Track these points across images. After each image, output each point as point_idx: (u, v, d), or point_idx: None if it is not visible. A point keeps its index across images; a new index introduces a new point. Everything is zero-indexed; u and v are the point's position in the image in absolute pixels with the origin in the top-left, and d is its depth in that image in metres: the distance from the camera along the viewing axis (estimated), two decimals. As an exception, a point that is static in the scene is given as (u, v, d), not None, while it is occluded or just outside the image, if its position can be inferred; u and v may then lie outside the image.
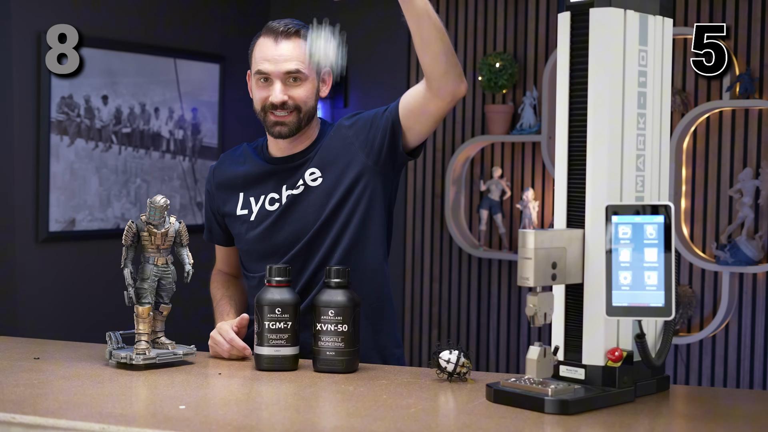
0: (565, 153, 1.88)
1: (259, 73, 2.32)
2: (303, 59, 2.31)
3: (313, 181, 2.35)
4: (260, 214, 2.39)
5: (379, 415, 1.75)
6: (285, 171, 2.38)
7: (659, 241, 1.72)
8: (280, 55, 2.30)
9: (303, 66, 2.31)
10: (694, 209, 4.22)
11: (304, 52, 2.30)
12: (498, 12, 4.63)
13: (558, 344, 1.88)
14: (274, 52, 2.31)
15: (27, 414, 1.70)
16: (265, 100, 2.33)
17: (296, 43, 2.32)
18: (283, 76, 2.31)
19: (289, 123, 2.33)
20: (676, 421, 1.81)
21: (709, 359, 4.21)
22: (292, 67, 2.30)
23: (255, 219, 2.40)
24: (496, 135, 4.51)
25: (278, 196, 2.38)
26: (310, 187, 2.35)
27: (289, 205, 2.36)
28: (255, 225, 2.39)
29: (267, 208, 2.39)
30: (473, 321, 4.72)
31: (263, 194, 2.40)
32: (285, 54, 2.30)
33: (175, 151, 4.52)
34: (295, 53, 2.31)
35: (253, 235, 2.39)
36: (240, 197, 2.43)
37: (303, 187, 2.36)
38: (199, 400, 1.91)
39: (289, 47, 2.31)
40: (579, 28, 1.86)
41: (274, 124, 2.33)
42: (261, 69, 2.32)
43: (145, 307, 2.14)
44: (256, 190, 2.41)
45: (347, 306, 2.08)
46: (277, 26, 2.33)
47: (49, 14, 3.93)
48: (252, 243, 2.40)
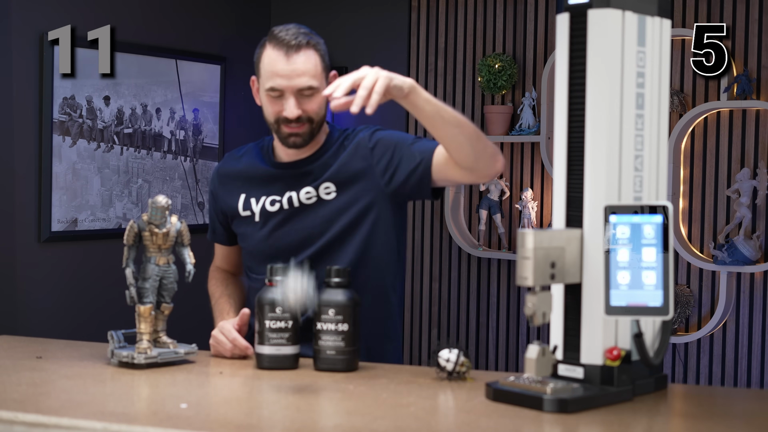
0: (564, 153, 1.89)
1: (273, 89, 2.28)
2: (315, 72, 2.28)
3: (327, 194, 2.34)
4: (262, 214, 2.40)
5: (379, 413, 1.76)
6: (290, 177, 2.38)
7: (657, 241, 1.73)
8: (293, 70, 2.26)
9: (315, 80, 2.28)
10: (692, 209, 4.23)
11: (316, 63, 2.29)
12: (497, 13, 4.64)
13: (557, 343, 1.88)
14: (287, 67, 2.26)
15: (29, 413, 1.70)
16: (278, 114, 2.30)
17: (307, 56, 2.28)
18: (296, 92, 2.28)
19: (303, 134, 2.31)
20: (674, 420, 1.81)
21: (707, 358, 4.22)
22: (306, 84, 2.27)
23: (259, 220, 2.40)
24: (496, 135, 4.52)
25: (279, 198, 2.38)
26: (324, 201, 2.34)
27: (298, 211, 2.35)
28: (260, 226, 2.40)
29: (268, 208, 2.39)
30: (472, 320, 4.73)
31: (264, 195, 2.40)
32: (298, 69, 2.26)
33: (176, 151, 4.53)
34: (308, 67, 2.27)
35: (259, 235, 2.40)
36: (242, 198, 2.43)
37: (316, 198, 2.34)
38: (200, 398, 1.92)
39: (301, 61, 2.27)
40: (578, 29, 1.86)
41: (288, 135, 2.31)
42: (275, 86, 2.27)
43: (147, 306, 2.15)
44: (259, 192, 2.40)
45: (347, 305, 2.09)
46: (286, 38, 2.28)
47: (50, 14, 3.94)
48: (258, 244, 2.40)
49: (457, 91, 4.73)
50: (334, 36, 5.04)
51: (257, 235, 2.40)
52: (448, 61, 4.76)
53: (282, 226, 2.37)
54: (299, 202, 2.36)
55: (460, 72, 4.73)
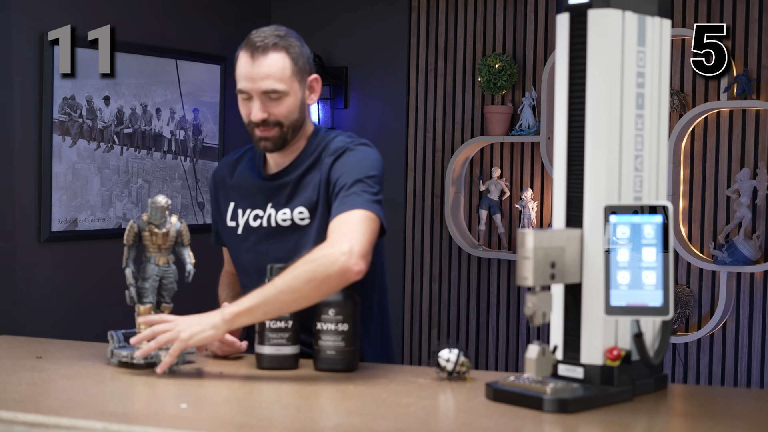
0: (564, 153, 1.89)
1: (241, 91, 2.27)
2: (280, 75, 2.23)
3: (301, 220, 2.30)
4: (246, 229, 2.37)
5: (379, 413, 1.76)
6: (272, 189, 2.35)
7: (657, 241, 1.74)
8: (257, 73, 2.23)
9: (280, 83, 2.24)
10: (692, 209, 4.23)
11: (282, 66, 2.24)
12: (497, 13, 4.64)
13: (557, 343, 1.88)
14: (251, 69, 2.23)
15: (29, 413, 1.71)
16: (248, 117, 2.28)
17: (275, 58, 2.23)
18: (261, 95, 2.24)
19: (272, 138, 2.27)
20: (674, 420, 1.81)
21: (707, 358, 4.22)
22: (268, 87, 2.23)
23: (241, 233, 2.38)
24: (496, 135, 4.52)
25: (262, 213, 2.35)
26: (298, 226, 2.30)
27: (275, 232, 2.32)
28: (242, 239, 2.38)
29: (251, 224, 2.36)
30: (472, 320, 4.73)
31: (250, 208, 2.37)
32: (262, 72, 2.22)
33: (176, 151, 4.53)
34: (272, 70, 2.23)
35: (241, 248, 2.38)
36: (230, 207, 2.41)
37: (290, 222, 2.30)
38: (200, 398, 1.92)
39: (267, 63, 2.23)
40: (578, 29, 1.87)
41: (259, 139, 2.29)
42: (240, 88, 2.26)
43: (147, 306, 2.15)
44: (245, 203, 2.38)
45: (347, 305, 2.09)
46: (256, 40, 2.25)
47: (50, 14, 3.94)
48: (241, 257, 2.39)
49: (457, 91, 4.73)
50: (334, 36, 5.05)
51: (240, 247, 2.39)
52: (448, 61, 4.76)
53: (261, 243, 2.35)
54: (276, 223, 2.32)
55: (460, 72, 4.73)
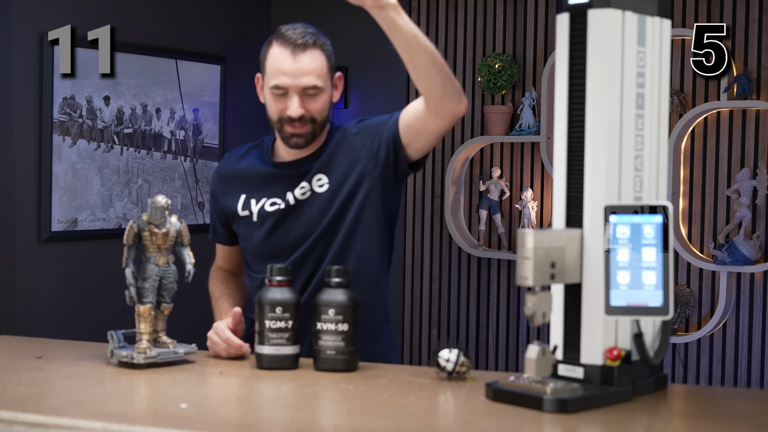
0: (564, 153, 1.89)
1: (277, 87, 2.29)
2: (320, 72, 2.29)
3: (320, 187, 2.35)
4: (260, 215, 2.40)
5: (379, 413, 1.76)
6: (290, 177, 2.39)
7: (657, 241, 1.73)
8: (298, 69, 2.27)
9: (319, 80, 2.29)
10: (692, 209, 4.23)
11: (322, 63, 2.30)
12: (497, 13, 4.64)
13: (557, 343, 1.88)
14: (292, 65, 2.27)
15: (29, 413, 1.71)
16: (281, 112, 2.31)
17: (313, 55, 2.29)
18: (300, 91, 2.29)
19: (305, 134, 2.32)
20: (674, 420, 1.81)
21: (707, 358, 4.22)
22: (310, 83, 2.28)
23: (257, 220, 2.41)
24: (496, 135, 4.53)
25: (281, 200, 2.39)
26: (317, 194, 2.36)
27: (295, 208, 2.37)
28: (258, 226, 2.40)
29: (266, 209, 2.40)
30: (472, 320, 4.73)
31: (265, 197, 2.40)
32: (304, 68, 2.27)
33: (176, 151, 4.53)
34: (313, 66, 2.28)
35: (258, 235, 2.40)
36: (242, 198, 2.44)
37: (310, 192, 2.36)
38: (200, 398, 1.92)
39: (307, 60, 2.28)
40: (578, 29, 1.87)
41: (290, 135, 2.32)
42: (279, 84, 2.28)
43: (147, 306, 2.15)
44: (259, 192, 2.41)
45: (347, 305, 2.09)
46: (293, 36, 2.29)
47: (50, 14, 3.94)
48: (257, 244, 2.41)
49: (457, 91, 4.73)
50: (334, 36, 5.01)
51: (256, 234, 2.40)
52: (448, 61, 4.75)
53: (280, 225, 2.38)
54: (295, 199, 2.37)
55: (460, 72, 4.73)
